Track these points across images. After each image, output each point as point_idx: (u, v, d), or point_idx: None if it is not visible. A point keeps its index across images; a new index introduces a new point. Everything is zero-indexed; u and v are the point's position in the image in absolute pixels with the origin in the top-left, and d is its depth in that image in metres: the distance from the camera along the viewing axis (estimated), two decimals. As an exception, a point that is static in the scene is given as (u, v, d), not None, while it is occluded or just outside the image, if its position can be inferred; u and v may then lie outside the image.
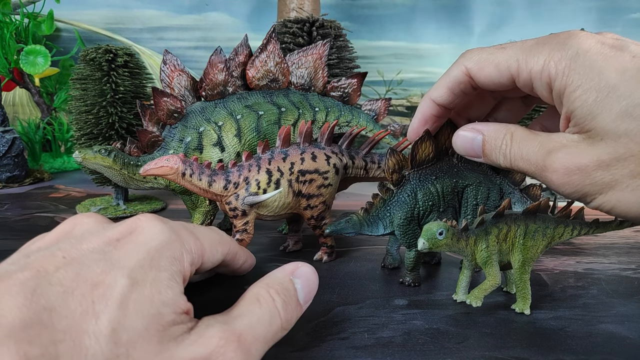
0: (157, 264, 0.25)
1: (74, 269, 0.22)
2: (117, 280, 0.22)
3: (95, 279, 0.22)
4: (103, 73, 0.68)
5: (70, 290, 0.21)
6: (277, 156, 0.44)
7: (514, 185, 0.44)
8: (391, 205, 0.41)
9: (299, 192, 0.45)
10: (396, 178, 0.41)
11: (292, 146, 0.45)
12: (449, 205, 0.42)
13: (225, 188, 0.42)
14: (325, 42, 0.54)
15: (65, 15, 1.19)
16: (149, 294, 0.23)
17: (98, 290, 0.22)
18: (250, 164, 0.43)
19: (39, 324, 0.19)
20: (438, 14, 1.30)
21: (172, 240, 0.27)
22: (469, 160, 0.41)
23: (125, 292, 0.22)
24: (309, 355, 0.31)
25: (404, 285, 0.43)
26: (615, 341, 0.34)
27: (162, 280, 0.24)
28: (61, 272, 0.22)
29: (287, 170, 0.44)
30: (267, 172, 0.43)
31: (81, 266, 0.22)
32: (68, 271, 0.22)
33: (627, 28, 1.31)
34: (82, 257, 0.23)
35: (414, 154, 0.40)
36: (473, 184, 0.42)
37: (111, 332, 0.21)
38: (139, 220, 0.27)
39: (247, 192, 0.42)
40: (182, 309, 0.25)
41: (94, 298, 0.21)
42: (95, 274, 0.22)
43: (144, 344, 0.22)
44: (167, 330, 0.23)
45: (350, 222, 0.41)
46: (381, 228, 0.42)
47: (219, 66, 0.49)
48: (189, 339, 0.24)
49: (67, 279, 0.21)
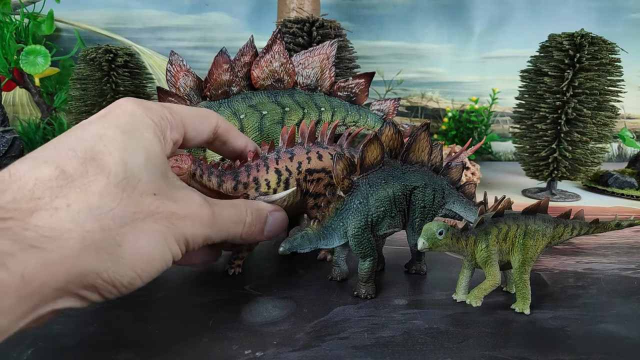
0: (140, 126, 0.31)
1: (83, 134, 0.29)
2: (116, 134, 0.29)
3: (99, 132, 0.29)
4: (103, 73, 0.68)
5: (84, 140, 0.29)
6: (284, 156, 0.43)
7: (451, 185, 0.44)
8: (344, 214, 0.39)
9: (306, 191, 0.44)
10: (347, 184, 0.39)
11: (297, 146, 0.44)
12: (399, 210, 0.41)
13: (234, 188, 0.41)
14: (332, 42, 0.54)
15: (65, 15, 1.19)
16: (141, 143, 0.30)
17: (105, 138, 0.29)
18: (258, 164, 0.42)
19: None
20: (438, 14, 1.30)
21: (148, 110, 0.32)
22: (412, 162, 0.41)
23: (124, 139, 0.29)
24: (309, 355, 0.31)
25: (359, 297, 0.40)
26: (615, 341, 0.34)
27: (148, 138, 0.31)
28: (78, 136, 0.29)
29: (295, 170, 0.43)
30: (276, 171, 0.42)
31: (85, 133, 0.29)
32: (83, 136, 0.29)
33: (627, 28, 1.31)
34: (82, 126, 0.30)
35: (362, 158, 0.39)
36: (420, 186, 0.41)
37: (121, 163, 0.28)
38: (118, 101, 0.32)
39: (258, 192, 0.41)
40: (165, 161, 0.32)
41: (104, 143, 0.29)
42: (98, 129, 0.30)
43: (147, 172, 0.30)
44: (163, 169, 0.32)
45: (306, 237, 0.38)
46: (336, 239, 0.40)
47: (224, 66, 0.49)
48: (180, 190, 0.32)
49: (85, 139, 0.29)
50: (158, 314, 0.37)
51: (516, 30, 1.31)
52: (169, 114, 0.34)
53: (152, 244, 0.28)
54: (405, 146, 0.41)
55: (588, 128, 0.78)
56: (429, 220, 0.42)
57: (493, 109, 1.26)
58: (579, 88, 0.77)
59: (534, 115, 0.81)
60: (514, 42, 1.31)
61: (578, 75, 0.76)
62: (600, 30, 0.81)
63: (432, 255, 0.51)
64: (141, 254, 0.28)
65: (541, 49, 0.82)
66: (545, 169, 0.83)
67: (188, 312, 0.38)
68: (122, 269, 0.27)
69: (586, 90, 0.77)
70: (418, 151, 0.41)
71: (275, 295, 0.41)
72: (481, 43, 1.33)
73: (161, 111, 0.33)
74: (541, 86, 0.80)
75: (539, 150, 0.82)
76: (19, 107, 1.22)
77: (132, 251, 0.27)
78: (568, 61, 0.77)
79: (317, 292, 0.42)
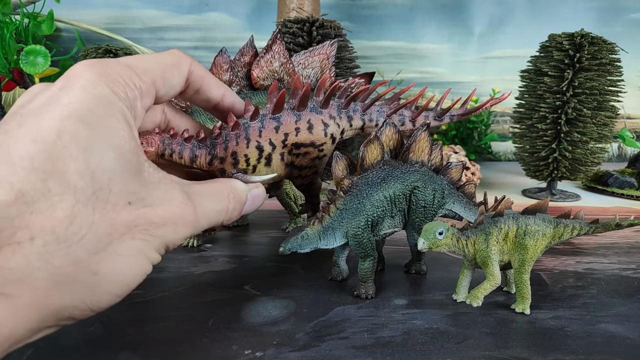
0: (105, 111, 0.26)
1: (38, 131, 0.24)
2: (77, 127, 0.24)
3: (57, 125, 0.24)
4: (103, 73, 0.68)
5: (41, 141, 0.23)
6: (269, 125, 0.38)
7: (451, 185, 0.44)
8: (344, 214, 0.39)
9: (291, 163, 0.41)
10: (347, 184, 0.39)
11: (286, 112, 0.39)
12: (399, 210, 0.41)
13: (210, 163, 0.37)
14: (332, 42, 0.54)
15: (65, 15, 1.19)
16: (108, 136, 0.25)
17: (64, 136, 0.23)
18: (238, 135, 0.37)
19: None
20: (438, 14, 1.30)
21: (113, 82, 0.27)
22: (412, 162, 0.41)
23: (88, 136, 0.24)
24: (309, 355, 0.31)
25: (359, 297, 0.40)
26: (615, 341, 0.34)
27: (116, 127, 0.26)
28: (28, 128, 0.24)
29: (280, 143, 0.39)
30: (257, 146, 0.38)
31: (41, 129, 0.24)
32: (33, 126, 0.24)
33: (627, 28, 1.31)
34: (38, 111, 0.25)
35: (362, 159, 0.39)
36: (420, 185, 0.41)
37: (88, 173, 0.24)
38: (74, 71, 0.27)
39: (235, 168, 0.38)
40: (138, 151, 0.28)
41: (64, 144, 0.23)
42: (56, 121, 0.24)
43: (120, 177, 0.25)
44: (136, 164, 0.27)
45: (306, 238, 0.39)
46: (336, 239, 0.40)
47: (224, 67, 0.49)
48: (158, 187, 0.28)
49: (42, 139, 0.23)
50: (158, 314, 0.37)
51: (516, 30, 1.31)
52: (137, 78, 0.29)
53: (132, 263, 0.26)
54: (405, 146, 0.41)
55: (588, 128, 0.78)
56: (429, 220, 0.42)
57: (493, 109, 1.26)
58: (579, 88, 0.77)
59: (534, 115, 0.81)
60: (514, 42, 1.31)
61: (578, 75, 0.76)
62: (600, 30, 0.81)
63: (432, 255, 0.51)
64: (120, 277, 0.25)
65: (541, 49, 0.82)
66: (545, 169, 0.83)
67: (188, 312, 0.38)
68: (100, 296, 0.24)
69: (586, 90, 0.77)
70: (418, 151, 0.41)
71: (275, 295, 0.41)
72: (481, 43, 1.33)
73: (128, 78, 0.28)
74: (541, 86, 0.80)
75: (539, 150, 0.82)
76: (19, 107, 1.22)
77: (110, 277, 0.24)
78: (568, 61, 0.77)
79: (317, 292, 0.42)
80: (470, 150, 1.17)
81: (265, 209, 0.71)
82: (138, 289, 0.28)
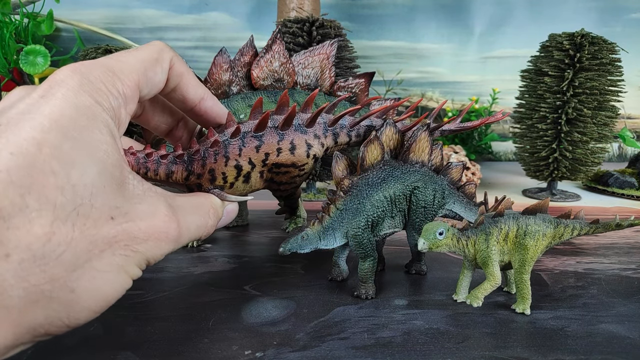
0: (88, 122, 0.25)
1: (17, 144, 0.23)
2: (59, 140, 0.23)
3: (38, 137, 0.23)
4: (103, 73, 0.68)
5: (20, 155, 0.22)
6: (250, 144, 0.37)
7: (452, 185, 0.43)
8: (344, 215, 0.39)
9: (270, 179, 0.40)
10: (347, 184, 0.39)
11: (268, 130, 0.37)
12: (399, 210, 0.41)
13: (186, 179, 0.36)
14: (332, 42, 0.54)
15: (65, 15, 1.19)
16: (90, 149, 0.25)
17: (45, 149, 0.23)
18: (217, 152, 0.36)
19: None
20: (438, 13, 1.30)
21: (96, 90, 0.27)
22: (412, 162, 0.41)
23: (69, 148, 0.23)
24: (309, 356, 0.31)
25: (359, 297, 0.40)
26: (615, 341, 0.34)
27: (99, 139, 0.25)
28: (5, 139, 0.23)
29: (260, 162, 0.38)
30: (236, 166, 0.37)
31: (20, 130, 0.23)
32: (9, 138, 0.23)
33: (627, 28, 1.31)
34: (17, 120, 0.24)
35: (363, 159, 0.39)
36: (420, 185, 0.41)
37: (69, 188, 0.23)
38: (56, 77, 0.26)
39: (212, 184, 0.36)
40: (122, 163, 0.27)
41: (45, 158, 0.22)
42: (36, 132, 0.23)
43: (102, 192, 0.24)
44: (120, 177, 0.26)
45: (306, 238, 0.38)
46: (336, 239, 0.40)
47: (223, 66, 0.49)
48: (142, 199, 0.27)
49: (20, 152, 0.22)
50: (158, 314, 0.37)
51: (516, 30, 1.31)
52: (120, 84, 0.28)
53: (111, 279, 0.25)
54: (405, 146, 0.41)
55: (588, 128, 0.78)
56: (429, 220, 0.41)
57: (493, 109, 1.26)
58: (579, 88, 0.77)
59: (534, 115, 0.81)
60: (514, 42, 1.31)
61: (578, 75, 0.76)
62: (600, 30, 0.81)
63: (432, 255, 0.51)
64: (98, 294, 0.25)
65: (541, 48, 0.82)
66: (545, 169, 0.82)
67: (188, 312, 0.38)
68: (77, 313, 0.24)
69: (586, 90, 0.77)
70: (418, 151, 0.41)
71: (275, 295, 0.41)
72: (481, 43, 1.33)
73: (112, 86, 0.27)
74: (541, 86, 0.79)
75: (539, 150, 0.82)
76: (19, 107, 1.22)
77: (87, 294, 0.24)
78: (568, 61, 0.77)
79: (317, 292, 0.42)
80: (470, 150, 1.17)
81: (265, 209, 0.71)
82: (138, 289, 0.28)
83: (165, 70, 0.32)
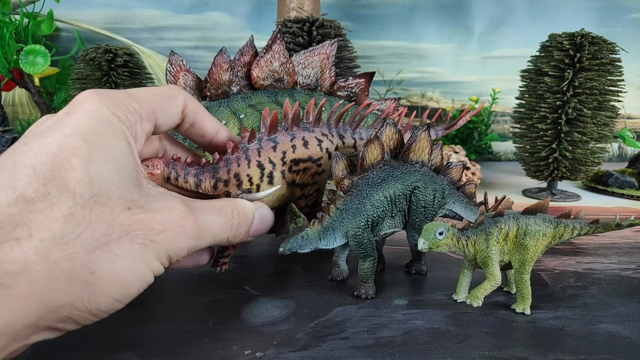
0: (106, 130, 0.28)
1: (42, 146, 0.26)
2: (79, 143, 0.26)
3: (59, 140, 0.26)
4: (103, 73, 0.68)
5: (44, 154, 0.25)
6: (266, 145, 0.39)
7: (452, 185, 0.43)
8: (344, 214, 0.39)
9: (292, 181, 0.42)
10: (347, 184, 0.39)
11: (280, 132, 0.40)
12: (399, 210, 0.41)
13: (214, 187, 0.38)
14: (332, 42, 0.54)
15: (65, 15, 1.19)
16: (108, 151, 0.27)
17: (66, 149, 0.26)
18: (239, 157, 0.38)
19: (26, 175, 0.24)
20: (438, 13, 1.30)
21: (114, 106, 0.29)
22: (412, 162, 0.41)
23: (88, 149, 0.26)
24: (309, 356, 0.31)
25: (359, 297, 0.40)
26: (615, 341, 0.34)
27: (115, 144, 0.28)
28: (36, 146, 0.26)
29: (279, 161, 0.40)
30: (259, 165, 0.39)
31: (44, 145, 0.26)
32: (42, 143, 0.26)
33: (627, 28, 1.31)
34: (43, 131, 0.27)
35: (363, 159, 0.39)
36: (420, 185, 0.41)
37: (87, 180, 0.25)
38: (80, 97, 0.29)
39: (240, 189, 0.39)
40: (137, 168, 0.30)
41: (65, 156, 0.25)
42: (58, 137, 0.26)
43: (118, 186, 0.27)
44: (136, 177, 0.29)
45: (306, 238, 0.38)
46: (336, 239, 0.40)
47: (223, 66, 0.49)
48: (157, 198, 0.29)
49: (44, 152, 0.26)
50: (158, 314, 0.37)
51: (516, 30, 1.31)
52: (137, 104, 0.31)
53: (129, 266, 0.26)
54: (405, 146, 0.41)
55: (588, 128, 0.78)
56: (429, 220, 0.42)
57: (493, 109, 1.26)
58: (579, 88, 0.77)
59: (534, 115, 0.81)
60: (514, 42, 1.31)
61: (578, 75, 0.76)
62: (600, 30, 0.81)
63: (432, 255, 0.51)
64: (118, 278, 0.26)
65: (541, 48, 0.82)
66: (545, 169, 0.82)
67: (188, 312, 0.38)
68: (98, 297, 0.25)
69: (586, 90, 0.77)
70: (418, 151, 0.41)
71: (275, 295, 0.41)
72: (481, 43, 1.33)
73: (128, 104, 0.30)
74: (541, 86, 0.79)
75: (539, 150, 0.82)
76: (19, 107, 1.22)
77: (107, 277, 0.25)
78: (568, 61, 0.77)
79: (317, 292, 0.42)
80: (470, 150, 1.17)
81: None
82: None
83: (179, 106, 0.35)
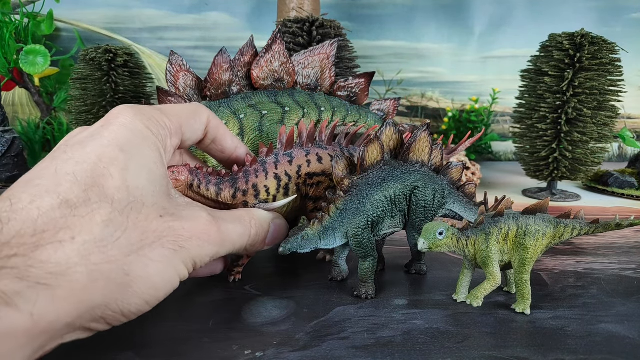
0: (140, 142, 0.30)
1: (82, 155, 0.28)
2: (116, 153, 0.29)
3: (98, 151, 0.28)
4: (103, 73, 0.68)
5: (84, 162, 0.28)
6: (283, 159, 0.42)
7: (452, 185, 0.43)
8: (344, 214, 0.39)
9: (306, 194, 0.43)
10: (347, 184, 0.39)
11: (296, 148, 0.43)
12: (399, 210, 0.41)
13: (233, 197, 0.39)
14: (332, 42, 0.54)
15: (65, 15, 1.19)
16: (142, 161, 0.30)
17: (104, 159, 0.28)
18: (257, 169, 0.40)
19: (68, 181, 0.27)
20: (438, 13, 1.30)
21: (148, 120, 0.32)
22: (412, 162, 0.41)
23: (125, 159, 0.29)
24: (309, 356, 0.31)
25: (359, 297, 0.40)
26: (615, 341, 0.34)
27: (149, 155, 0.31)
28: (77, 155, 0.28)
29: (295, 174, 0.42)
30: (276, 177, 0.41)
31: (84, 154, 0.28)
32: (80, 153, 0.28)
33: (627, 28, 1.31)
34: (81, 142, 0.29)
35: (363, 158, 0.39)
36: (420, 185, 0.41)
37: (124, 187, 0.28)
38: (115, 111, 0.32)
39: (257, 199, 0.40)
40: (168, 180, 0.33)
41: (104, 165, 0.28)
42: (97, 147, 0.29)
43: (151, 194, 0.29)
44: (166, 187, 0.31)
45: (306, 237, 0.38)
46: (336, 239, 0.40)
47: (224, 66, 0.49)
48: (185, 207, 0.32)
49: (84, 161, 0.28)
50: (158, 314, 0.37)
51: (516, 30, 1.31)
52: (167, 120, 0.33)
53: (160, 270, 0.28)
54: (405, 146, 0.41)
55: (588, 128, 0.78)
56: (429, 220, 0.42)
57: (493, 109, 1.26)
58: (579, 88, 0.77)
59: (534, 115, 0.81)
60: (514, 42, 1.31)
61: (578, 75, 0.76)
62: (600, 30, 0.81)
63: (432, 255, 0.51)
64: (150, 281, 0.27)
65: (541, 48, 0.82)
66: (545, 169, 0.82)
67: (188, 312, 0.38)
68: (130, 298, 0.27)
69: (586, 90, 0.77)
70: (418, 151, 0.41)
71: (275, 295, 0.41)
72: (481, 43, 1.33)
73: (160, 119, 0.33)
74: (541, 86, 0.79)
75: (539, 150, 0.82)
76: (19, 107, 1.22)
77: (140, 280, 0.27)
78: (568, 61, 0.77)
79: (317, 292, 0.42)
80: (470, 150, 1.17)
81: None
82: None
83: (202, 123, 0.37)
